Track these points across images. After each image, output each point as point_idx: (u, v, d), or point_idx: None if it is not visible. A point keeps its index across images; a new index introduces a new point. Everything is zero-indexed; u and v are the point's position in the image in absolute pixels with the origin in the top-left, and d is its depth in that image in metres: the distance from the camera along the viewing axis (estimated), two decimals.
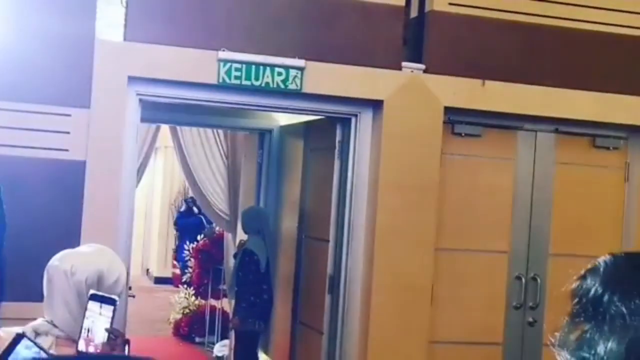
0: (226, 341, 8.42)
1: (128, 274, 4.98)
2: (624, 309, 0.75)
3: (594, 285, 0.81)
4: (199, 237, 9.55)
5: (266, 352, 7.20)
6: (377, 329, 5.15)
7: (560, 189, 5.65)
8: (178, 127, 8.48)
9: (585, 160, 5.72)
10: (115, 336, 2.17)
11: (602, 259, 0.94)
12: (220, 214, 8.39)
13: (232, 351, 7.04)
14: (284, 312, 6.76)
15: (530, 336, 5.62)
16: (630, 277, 0.78)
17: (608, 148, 5.73)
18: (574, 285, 0.87)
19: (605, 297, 0.78)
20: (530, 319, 5.60)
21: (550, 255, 5.64)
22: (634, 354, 0.72)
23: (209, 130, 8.27)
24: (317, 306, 5.68)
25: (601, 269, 0.82)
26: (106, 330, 2.14)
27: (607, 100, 5.57)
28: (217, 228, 9.45)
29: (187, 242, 10.07)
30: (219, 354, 8.50)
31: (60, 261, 2.33)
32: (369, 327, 5.15)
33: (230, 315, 7.15)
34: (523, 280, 5.59)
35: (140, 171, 8.54)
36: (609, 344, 0.76)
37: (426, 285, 5.23)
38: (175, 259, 12.97)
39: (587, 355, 0.78)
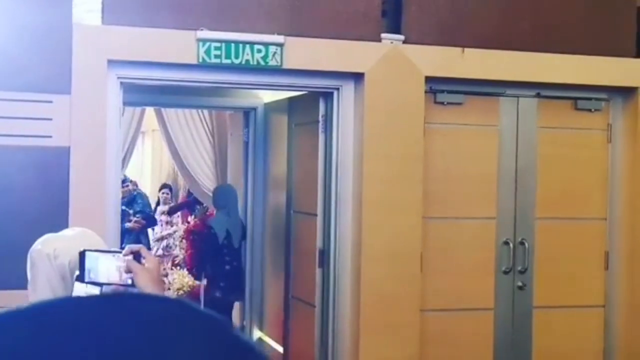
0: None
1: None
2: None
3: None
4: (189, 218, 9.58)
5: (260, 328, 7.26)
6: (369, 300, 5.20)
7: (543, 153, 5.68)
8: (163, 110, 8.49)
9: (568, 124, 5.75)
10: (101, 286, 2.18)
11: None
12: (209, 193, 8.42)
13: None
14: (276, 287, 6.82)
15: (520, 300, 5.68)
16: None
17: (590, 110, 5.77)
18: None
19: None
20: (520, 283, 5.66)
21: (537, 219, 5.68)
22: None
23: (194, 111, 8.29)
24: (308, 280, 5.73)
25: None
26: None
27: (588, 62, 5.59)
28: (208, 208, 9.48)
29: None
30: None
31: (43, 245, 2.35)
32: (360, 299, 5.20)
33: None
34: (511, 245, 5.64)
35: (128, 155, 8.58)
36: None
37: (415, 254, 5.28)
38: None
39: None
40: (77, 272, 2.20)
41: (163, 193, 10.28)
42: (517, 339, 5.68)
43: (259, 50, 5.01)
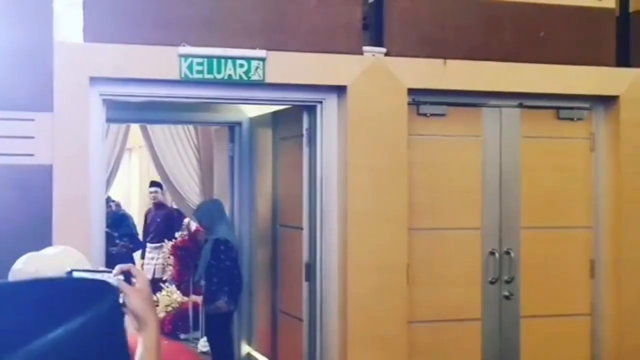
0: None
1: None
2: None
3: None
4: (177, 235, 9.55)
5: (249, 343, 7.24)
6: (356, 313, 5.19)
7: (527, 163, 5.71)
8: (148, 126, 8.49)
9: (551, 133, 5.77)
10: None
11: None
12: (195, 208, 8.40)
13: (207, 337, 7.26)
14: (264, 301, 6.80)
15: (507, 309, 5.69)
16: None
17: (572, 119, 5.80)
18: None
19: None
20: (507, 293, 5.66)
21: (522, 228, 5.70)
22: None
23: (179, 127, 8.28)
24: (295, 294, 5.72)
25: None
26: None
27: (569, 72, 5.62)
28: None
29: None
30: (204, 349, 8.52)
31: (25, 264, 2.33)
32: (348, 312, 5.19)
33: (202, 302, 7.36)
34: (497, 255, 5.65)
35: (114, 172, 8.56)
36: None
37: (401, 265, 5.28)
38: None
39: None
40: None
41: (152, 192, 10.03)
42: (505, 349, 5.68)
43: (242, 65, 5.02)
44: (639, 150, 5.71)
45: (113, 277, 1.95)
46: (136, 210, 14.09)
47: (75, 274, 2.03)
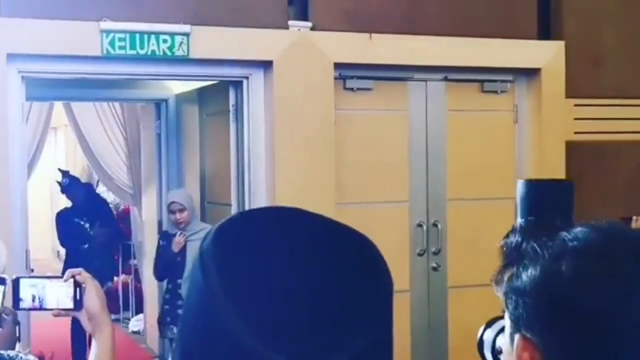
0: (141, 315, 8.38)
1: (28, 255, 4.89)
2: (536, 246, 1.06)
3: (515, 239, 1.11)
4: None
5: None
6: None
7: (453, 136, 5.78)
8: (72, 103, 8.30)
9: (476, 106, 5.85)
10: (7, 314, 2.12)
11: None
12: (124, 187, 8.29)
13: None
14: None
15: (435, 281, 5.78)
16: (537, 228, 1.12)
17: (496, 92, 5.88)
18: (501, 242, 1.14)
19: (524, 244, 1.08)
20: (434, 264, 5.75)
21: (449, 200, 5.78)
22: (543, 273, 1.03)
23: (104, 104, 8.13)
24: None
25: (518, 228, 1.13)
26: None
27: (493, 45, 5.70)
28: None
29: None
30: (135, 329, 8.45)
31: None
32: None
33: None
34: (424, 227, 5.72)
35: (38, 151, 8.36)
36: (529, 271, 1.04)
37: None
38: None
39: (515, 283, 1.08)
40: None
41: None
42: (434, 319, 5.78)
43: (165, 41, 4.94)
44: (559, 122, 5.84)
45: (63, 283, 1.91)
46: (63, 196, 13.82)
47: (23, 281, 1.98)
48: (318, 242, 0.85)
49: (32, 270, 5.15)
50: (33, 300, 1.97)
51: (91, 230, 7.09)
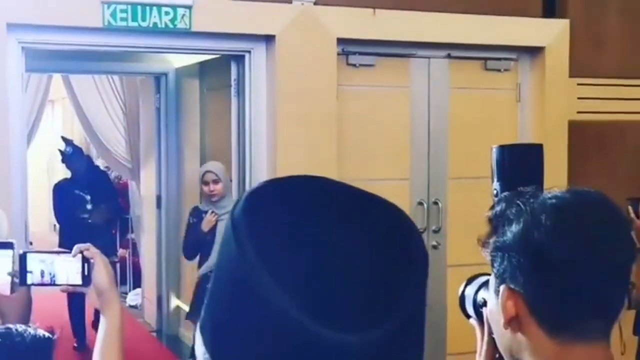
0: (139, 290, 8.38)
1: (27, 227, 4.86)
2: (520, 203, 1.19)
3: (499, 207, 1.23)
4: None
5: (178, 296, 7.20)
6: None
7: (455, 114, 5.74)
8: (71, 76, 8.25)
9: (478, 84, 5.81)
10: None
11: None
12: (122, 161, 8.26)
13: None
14: None
15: (435, 259, 5.76)
16: (517, 195, 1.23)
17: (499, 70, 5.84)
18: (488, 213, 1.26)
19: (506, 209, 1.21)
20: (434, 242, 5.74)
21: (449, 179, 5.76)
22: (525, 226, 1.16)
23: (103, 77, 8.07)
24: None
25: (501, 197, 1.27)
26: (9, 274, 2.00)
27: (497, 22, 5.65)
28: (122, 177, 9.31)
29: None
30: (132, 303, 8.46)
31: None
32: None
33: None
34: (425, 205, 5.70)
35: (36, 123, 8.31)
36: (513, 227, 1.17)
37: None
38: None
39: (500, 239, 1.20)
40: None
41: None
42: (433, 298, 5.73)
43: (167, 13, 4.89)
44: (562, 101, 5.81)
45: (72, 258, 1.87)
46: (61, 169, 13.76)
47: (30, 256, 1.94)
48: (351, 211, 0.82)
49: (31, 244, 5.13)
50: (42, 276, 1.94)
51: (92, 203, 6.83)
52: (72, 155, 7.03)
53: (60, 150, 7.26)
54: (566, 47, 5.79)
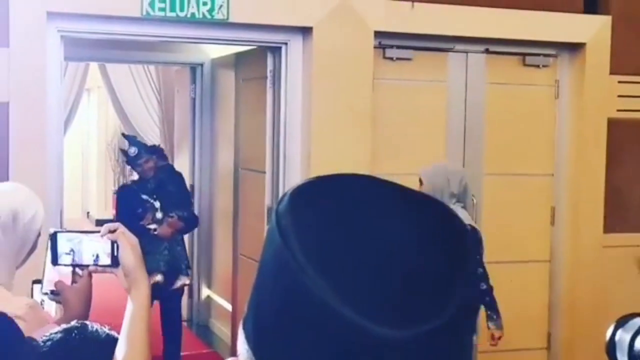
0: None
1: (62, 214, 4.90)
2: None
3: None
4: None
5: (209, 286, 7.22)
6: None
7: (492, 109, 5.68)
8: (107, 65, 8.30)
9: (516, 80, 5.75)
10: (81, 269, 2.03)
11: None
12: None
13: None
14: (225, 245, 6.76)
15: None
16: None
17: (538, 66, 5.77)
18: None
19: None
20: None
21: (485, 174, 5.70)
22: None
23: (139, 67, 8.12)
24: (256, 238, 5.68)
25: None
26: (69, 265, 1.97)
27: (536, 18, 5.58)
28: None
29: None
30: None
31: None
32: None
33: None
34: None
35: (73, 111, 8.38)
36: None
37: None
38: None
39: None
40: (51, 229, 2.03)
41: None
42: None
43: (205, 3, 4.88)
44: (602, 98, 5.72)
45: (101, 238, 1.85)
46: (95, 147, 13.88)
47: (60, 235, 1.93)
48: (399, 208, 0.80)
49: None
50: (73, 257, 1.92)
51: (162, 211, 5.59)
52: (138, 156, 5.64)
53: (122, 150, 6.14)
54: (607, 43, 5.70)
